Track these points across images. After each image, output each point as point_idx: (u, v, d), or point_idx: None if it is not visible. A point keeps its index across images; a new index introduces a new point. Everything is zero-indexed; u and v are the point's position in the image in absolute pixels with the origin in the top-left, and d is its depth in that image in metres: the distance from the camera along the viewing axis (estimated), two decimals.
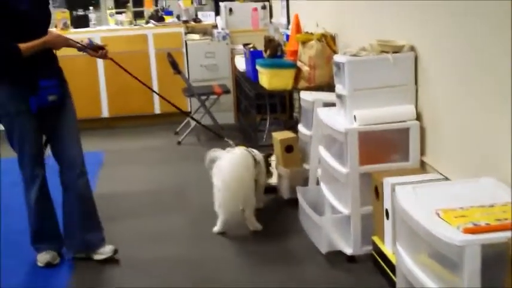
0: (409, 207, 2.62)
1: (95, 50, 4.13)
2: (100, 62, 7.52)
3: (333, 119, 3.90)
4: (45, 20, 3.91)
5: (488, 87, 2.92)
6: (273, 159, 5.09)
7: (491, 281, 2.31)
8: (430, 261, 2.51)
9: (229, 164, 4.26)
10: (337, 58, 3.84)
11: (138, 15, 8.23)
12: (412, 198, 2.70)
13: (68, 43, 3.98)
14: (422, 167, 3.69)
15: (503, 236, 2.25)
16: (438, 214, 2.45)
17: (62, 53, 3.99)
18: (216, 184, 4.27)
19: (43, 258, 3.97)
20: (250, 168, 4.36)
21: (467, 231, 2.28)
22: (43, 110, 3.78)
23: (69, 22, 7.89)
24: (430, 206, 2.55)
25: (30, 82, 3.74)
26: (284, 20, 7.01)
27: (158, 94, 4.64)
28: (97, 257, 3.99)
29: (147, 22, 8.07)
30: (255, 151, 4.62)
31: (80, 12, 8.21)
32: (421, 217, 2.49)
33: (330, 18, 5.21)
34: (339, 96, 3.85)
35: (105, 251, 3.99)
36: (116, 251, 4.01)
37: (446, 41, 3.31)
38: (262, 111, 6.59)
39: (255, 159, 4.46)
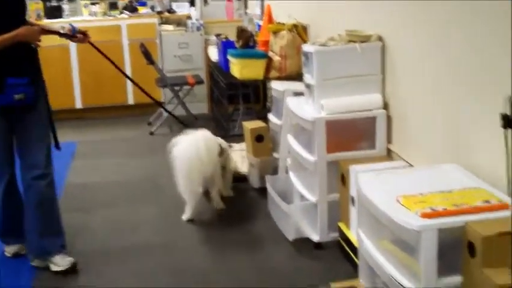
0: (371, 193, 2.66)
1: (74, 35, 4.00)
2: (73, 53, 7.50)
3: (301, 108, 3.93)
4: (20, 10, 3.70)
5: (452, 77, 2.97)
6: (243, 149, 5.13)
7: (449, 264, 2.36)
8: (391, 247, 2.55)
9: (186, 144, 4.29)
10: (305, 48, 3.87)
11: (112, 6, 8.18)
12: (374, 184, 2.75)
13: (45, 32, 3.79)
14: (389, 155, 3.74)
15: (460, 221, 2.30)
16: (398, 200, 2.49)
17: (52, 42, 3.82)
18: (175, 167, 4.28)
19: (11, 249, 3.96)
20: (211, 149, 4.36)
21: (425, 216, 2.32)
22: (10, 108, 3.61)
23: (42, 13, 7.84)
24: (391, 192, 2.59)
25: None
26: (258, 11, 7.03)
27: (136, 84, 4.48)
28: (53, 267, 3.77)
29: (121, 13, 8.05)
30: (220, 139, 4.66)
31: (54, 2, 8.16)
32: (382, 203, 2.53)
33: (303, 9, 5.24)
34: (307, 86, 3.88)
35: (62, 263, 3.76)
36: (74, 265, 3.76)
37: (413, 31, 3.35)
38: (235, 102, 6.62)
39: (220, 146, 4.49)
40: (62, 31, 4.00)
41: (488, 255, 2.17)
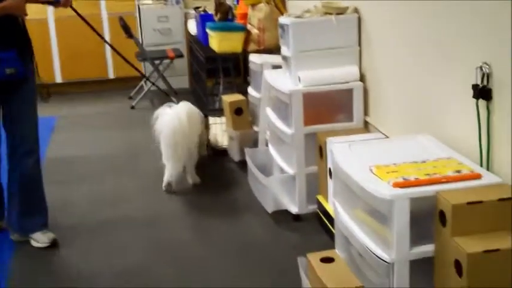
0: (344, 163, 2.68)
1: (57, 1, 3.89)
2: (52, 27, 7.44)
3: (279, 80, 3.94)
4: None
5: (425, 49, 2.98)
6: (223, 122, 5.15)
7: (422, 234, 2.39)
8: (364, 216, 2.58)
9: (170, 117, 4.34)
10: (281, 20, 3.87)
11: None
12: (348, 155, 2.77)
13: (28, 1, 3.65)
14: (366, 127, 3.77)
15: (432, 190, 2.33)
16: (371, 170, 2.52)
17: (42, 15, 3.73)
18: (160, 139, 4.36)
19: None
20: (194, 121, 4.43)
21: (397, 185, 2.35)
22: (1, 82, 3.54)
23: None
24: (365, 162, 2.61)
25: None
26: None
27: (119, 53, 4.41)
28: (34, 243, 3.78)
29: None
30: (196, 109, 4.67)
31: None
32: (355, 173, 2.56)
33: None
34: (284, 58, 3.89)
35: (42, 239, 3.76)
36: (54, 240, 3.77)
37: (389, 2, 3.36)
38: (215, 76, 6.60)
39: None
40: None
41: (459, 223, 2.20)
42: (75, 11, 3.84)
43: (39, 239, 3.78)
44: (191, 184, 4.58)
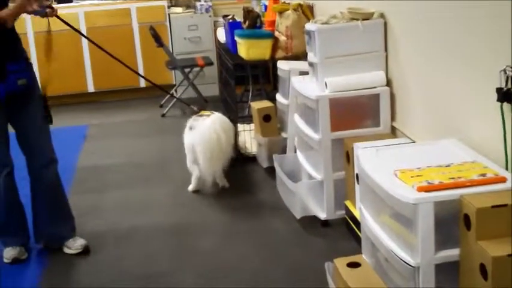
0: (370, 169, 2.69)
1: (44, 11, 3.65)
2: (84, 38, 7.53)
3: (306, 87, 3.96)
4: None
5: (454, 53, 2.97)
6: (252, 129, 5.18)
7: (448, 238, 2.39)
8: (390, 220, 2.59)
9: (206, 129, 4.42)
10: (308, 26, 3.88)
11: None
12: (374, 160, 2.77)
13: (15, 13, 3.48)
14: (393, 132, 3.76)
15: (456, 194, 2.32)
16: (396, 175, 2.52)
17: (43, 29, 3.71)
18: (187, 145, 4.54)
19: (9, 254, 3.76)
20: (228, 133, 4.52)
21: (421, 189, 2.35)
22: (11, 96, 3.53)
23: None
24: (390, 167, 2.62)
25: None
26: None
27: (125, 65, 4.40)
28: (66, 250, 3.82)
29: None
30: (228, 120, 4.76)
31: None
32: (380, 178, 2.56)
33: None
34: (311, 64, 3.91)
35: (74, 246, 3.81)
36: (86, 247, 3.82)
37: (415, 7, 3.35)
38: (245, 83, 6.64)
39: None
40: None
41: (483, 227, 2.20)
42: (63, 20, 3.81)
43: (72, 246, 3.83)
44: (220, 186, 4.66)
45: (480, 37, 2.68)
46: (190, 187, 4.68)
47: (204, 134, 4.44)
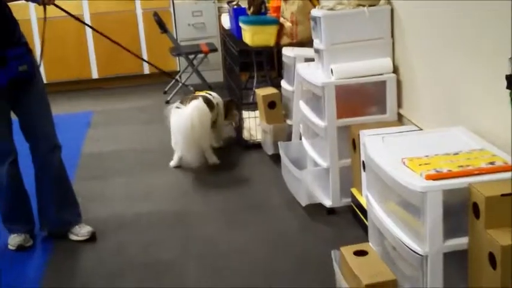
0: (377, 156, 2.67)
1: None
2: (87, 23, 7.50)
3: (311, 73, 3.93)
4: None
5: (462, 39, 2.94)
6: (257, 116, 5.17)
7: (456, 226, 2.37)
8: (397, 209, 2.57)
9: (182, 118, 4.68)
10: (313, 13, 3.85)
11: None
12: (381, 148, 2.75)
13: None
14: (400, 120, 3.74)
15: (465, 182, 2.30)
16: (404, 162, 2.50)
17: (49, 14, 3.67)
18: (172, 130, 4.84)
19: (14, 241, 3.75)
20: (204, 116, 4.75)
21: (429, 177, 2.33)
22: (12, 82, 3.49)
23: None
24: (397, 155, 2.60)
25: None
26: None
27: (128, 50, 4.41)
28: (72, 237, 3.81)
29: None
30: (214, 94, 5.15)
31: None
32: (387, 165, 2.54)
33: None
34: (317, 51, 3.88)
35: (81, 233, 3.81)
36: (93, 234, 3.82)
37: None
38: (249, 69, 6.61)
39: (210, 103, 4.93)
40: None
41: (492, 216, 2.18)
42: (62, 8, 3.78)
43: (79, 233, 3.82)
44: (210, 164, 4.88)
45: (490, 23, 2.65)
46: (172, 163, 4.97)
47: (180, 122, 4.69)
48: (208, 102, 4.91)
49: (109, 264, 3.55)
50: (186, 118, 4.66)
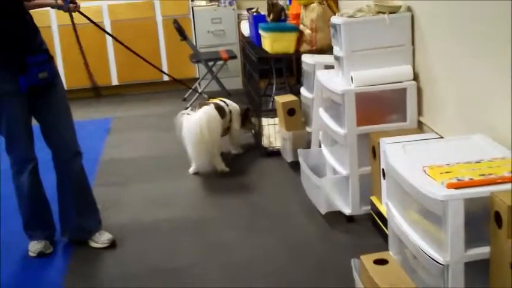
0: (398, 164, 2.65)
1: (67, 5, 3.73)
2: (108, 30, 7.53)
3: (331, 81, 3.92)
4: None
5: (484, 47, 2.92)
6: (276, 123, 5.16)
7: (479, 235, 2.35)
8: (418, 217, 2.55)
9: (191, 124, 4.72)
10: (333, 20, 3.84)
11: None
12: (402, 156, 2.74)
13: (32, 6, 3.60)
14: (420, 127, 3.72)
15: (486, 191, 2.28)
16: (425, 171, 2.49)
17: (69, 21, 3.80)
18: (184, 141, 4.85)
19: (35, 248, 3.76)
20: (212, 122, 4.79)
21: (451, 186, 2.31)
22: (33, 89, 3.52)
23: None
24: (418, 163, 2.58)
25: (17, 59, 3.45)
26: None
27: (142, 58, 4.43)
28: (93, 244, 3.82)
29: None
30: (228, 101, 5.19)
31: None
32: (408, 174, 2.53)
33: None
34: (337, 58, 3.87)
35: (101, 240, 3.81)
36: (113, 241, 3.82)
37: (442, 0, 3.30)
38: (268, 76, 6.61)
39: (222, 110, 4.99)
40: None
41: None
42: (86, 16, 3.83)
43: (99, 240, 3.83)
44: (218, 171, 4.90)
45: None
46: (190, 170, 4.98)
47: (189, 128, 4.73)
48: (219, 109, 4.96)
49: (129, 270, 3.56)
50: (194, 124, 4.70)
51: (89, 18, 3.90)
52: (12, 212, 3.94)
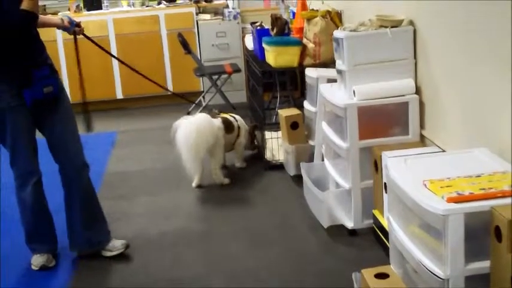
0: (399, 178, 2.65)
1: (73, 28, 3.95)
2: (113, 44, 7.58)
3: (334, 94, 3.93)
4: None
5: (485, 61, 2.92)
6: (280, 136, 5.17)
7: (479, 250, 2.35)
8: (418, 231, 2.55)
9: (182, 131, 4.74)
10: (336, 34, 3.86)
11: None
12: (402, 169, 2.74)
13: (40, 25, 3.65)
14: (422, 141, 3.72)
15: (486, 205, 2.28)
16: (425, 185, 2.49)
17: (72, 37, 3.92)
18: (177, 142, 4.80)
19: (37, 261, 3.76)
20: (206, 131, 4.79)
21: (451, 200, 2.31)
22: (38, 103, 3.54)
23: (82, 5, 7.91)
24: (419, 177, 2.58)
25: (23, 73, 3.48)
26: None
27: (137, 71, 4.51)
28: (107, 253, 3.83)
29: (159, 3, 8.10)
30: (237, 117, 5.28)
31: None
32: (409, 188, 2.53)
33: None
34: (339, 72, 3.88)
35: (116, 247, 3.84)
36: (127, 246, 3.86)
37: (445, 14, 3.31)
38: (272, 90, 6.63)
39: (230, 125, 5.06)
40: (61, 23, 3.93)
41: None
42: (90, 38, 3.98)
43: (112, 248, 3.84)
44: (218, 183, 4.92)
45: None
46: (193, 184, 4.98)
47: (181, 132, 4.75)
48: (228, 123, 5.02)
49: (134, 282, 3.57)
50: (185, 133, 4.73)
51: (93, 41, 4.09)
52: (15, 224, 3.95)
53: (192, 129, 4.73)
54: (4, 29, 3.34)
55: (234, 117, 5.21)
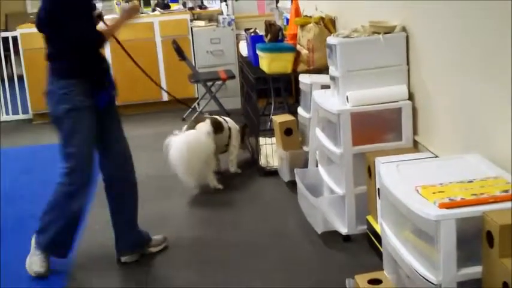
0: (391, 184, 2.66)
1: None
2: (107, 50, 7.57)
3: (327, 100, 3.94)
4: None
5: (478, 67, 2.94)
6: (274, 142, 5.18)
7: (471, 255, 2.35)
8: (411, 237, 2.56)
9: (175, 149, 4.80)
10: (329, 40, 3.87)
11: (145, 2, 8.26)
12: (395, 175, 2.74)
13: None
14: (415, 147, 3.73)
15: (478, 210, 2.29)
16: (417, 190, 2.49)
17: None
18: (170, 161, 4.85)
19: (36, 268, 3.68)
20: (197, 148, 4.83)
21: (443, 206, 2.32)
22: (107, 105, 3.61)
23: None
24: (411, 182, 2.59)
25: (100, 76, 3.59)
26: (289, 4, 7.02)
27: (153, 80, 4.51)
28: (153, 249, 3.90)
29: (154, 10, 8.12)
30: (228, 119, 5.32)
31: None
32: (401, 193, 2.54)
33: (330, 1, 5.23)
34: (332, 78, 3.89)
35: (159, 240, 3.94)
36: (165, 238, 3.99)
37: (438, 20, 3.33)
38: (267, 96, 6.63)
39: (220, 125, 5.11)
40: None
41: (506, 244, 2.16)
42: (118, 42, 4.05)
43: (157, 243, 3.93)
44: (212, 187, 4.95)
45: (506, 51, 2.64)
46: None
47: (173, 152, 4.80)
48: (217, 123, 5.06)
49: None
50: (178, 148, 4.77)
51: (121, 45, 4.16)
52: (16, 230, 3.96)
53: (183, 149, 4.77)
54: (83, 45, 3.50)
55: (224, 119, 5.25)
